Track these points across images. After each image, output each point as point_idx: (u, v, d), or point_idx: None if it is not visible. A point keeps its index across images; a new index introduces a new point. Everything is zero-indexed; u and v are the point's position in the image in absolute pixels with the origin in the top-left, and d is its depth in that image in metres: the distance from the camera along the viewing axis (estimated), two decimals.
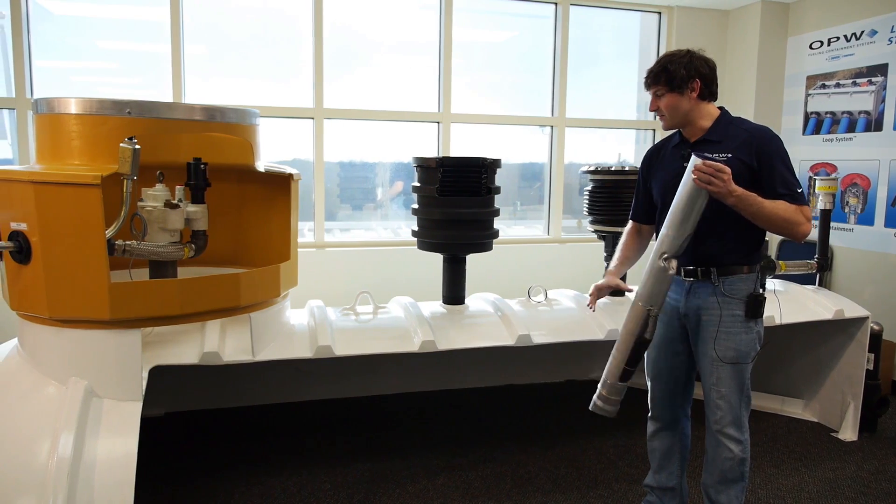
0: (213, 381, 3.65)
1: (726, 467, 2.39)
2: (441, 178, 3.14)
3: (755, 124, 2.37)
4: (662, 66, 2.33)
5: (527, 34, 5.46)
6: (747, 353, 2.35)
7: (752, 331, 2.35)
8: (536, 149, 5.44)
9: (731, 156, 2.26)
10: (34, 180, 2.15)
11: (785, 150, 2.31)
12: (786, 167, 2.27)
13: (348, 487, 2.97)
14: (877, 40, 4.60)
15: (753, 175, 2.26)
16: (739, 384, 2.36)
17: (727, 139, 2.31)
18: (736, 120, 2.38)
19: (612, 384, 2.39)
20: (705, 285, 2.36)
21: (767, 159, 2.25)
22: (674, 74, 2.30)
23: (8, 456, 2.14)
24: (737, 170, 2.20)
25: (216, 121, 2.51)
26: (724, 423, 2.37)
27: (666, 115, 2.36)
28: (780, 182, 2.24)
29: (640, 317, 2.28)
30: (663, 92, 2.33)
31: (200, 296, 2.41)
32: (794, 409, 3.87)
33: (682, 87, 2.31)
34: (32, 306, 2.29)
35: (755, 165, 2.26)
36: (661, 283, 2.25)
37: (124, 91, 4.57)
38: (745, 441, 2.39)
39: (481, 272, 4.13)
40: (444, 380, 4.13)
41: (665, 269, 2.23)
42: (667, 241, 2.23)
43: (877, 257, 4.62)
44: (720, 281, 2.33)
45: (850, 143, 4.81)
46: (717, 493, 2.44)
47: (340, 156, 5.00)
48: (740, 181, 2.18)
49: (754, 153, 2.26)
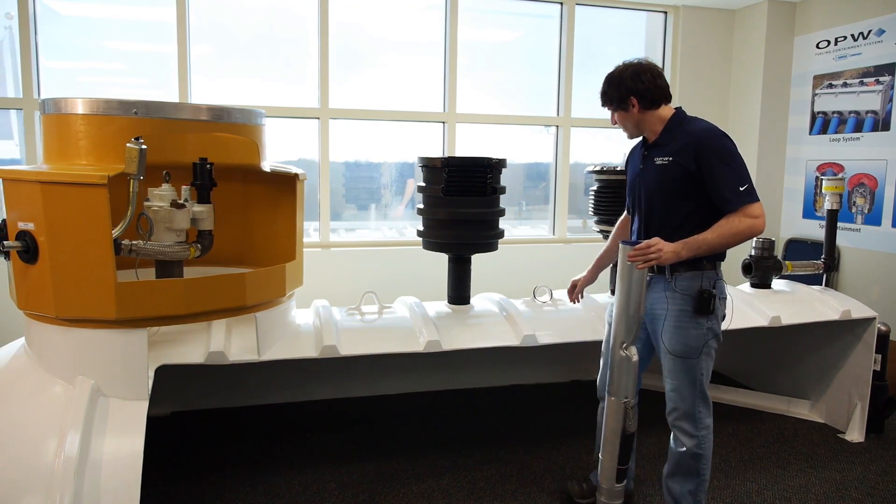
0: (219, 380, 3.66)
1: (678, 460, 2.48)
2: (446, 178, 3.14)
3: (702, 126, 2.40)
4: (603, 89, 2.50)
5: (532, 34, 5.46)
6: (696, 348, 2.39)
7: (703, 327, 2.39)
8: (542, 149, 5.44)
9: (671, 159, 2.38)
10: (41, 180, 2.16)
11: (729, 147, 2.33)
12: (727, 165, 2.30)
13: (353, 487, 2.97)
14: (884, 39, 4.58)
15: (692, 178, 2.34)
16: (691, 378, 2.41)
17: (672, 142, 2.41)
18: (686, 121, 2.45)
19: (609, 489, 2.47)
20: (659, 280, 2.45)
21: (707, 161, 2.31)
22: (612, 97, 2.47)
23: (15, 454, 2.15)
24: (675, 174, 2.36)
25: (222, 121, 2.52)
26: (677, 416, 2.45)
27: (625, 128, 2.54)
28: (724, 183, 2.29)
29: (620, 412, 2.36)
30: (614, 109, 2.51)
31: (206, 295, 2.41)
32: (801, 410, 3.85)
33: (623, 105, 2.45)
34: (39, 306, 2.30)
35: (693, 168, 2.33)
36: (629, 374, 2.34)
37: (131, 91, 4.59)
38: (700, 437, 2.43)
39: (486, 272, 4.13)
40: (449, 380, 4.13)
41: (628, 358, 2.31)
42: (622, 330, 2.33)
43: (884, 257, 4.60)
44: (673, 277, 2.41)
45: (857, 143, 4.79)
46: (671, 483, 2.53)
47: (346, 156, 5.01)
48: (679, 184, 2.35)
49: (693, 156, 2.33)
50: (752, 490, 3.00)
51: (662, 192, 2.42)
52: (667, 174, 2.39)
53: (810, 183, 5.19)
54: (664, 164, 2.39)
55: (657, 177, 2.43)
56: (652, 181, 2.45)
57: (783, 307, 3.46)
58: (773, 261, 3.79)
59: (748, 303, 3.47)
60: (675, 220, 2.40)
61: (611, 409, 2.40)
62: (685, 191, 2.36)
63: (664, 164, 2.39)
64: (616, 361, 2.36)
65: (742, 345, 4.33)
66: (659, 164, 2.42)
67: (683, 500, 2.51)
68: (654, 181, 2.44)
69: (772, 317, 3.34)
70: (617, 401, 2.37)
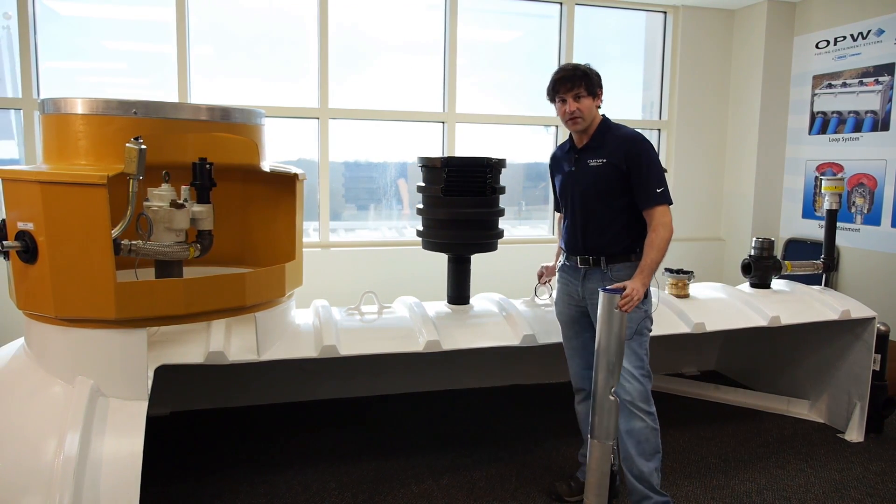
0: (219, 380, 3.66)
1: (642, 438, 2.58)
2: (446, 178, 3.14)
3: (629, 131, 2.61)
4: (582, 70, 2.57)
5: (532, 34, 5.46)
6: (633, 328, 2.57)
7: (639, 309, 2.56)
8: (541, 149, 5.44)
9: (605, 161, 2.57)
10: (41, 180, 2.16)
11: (653, 153, 2.57)
12: (651, 169, 2.53)
13: (353, 487, 2.97)
14: (884, 39, 4.58)
15: (623, 177, 2.55)
16: (637, 358, 2.58)
17: (604, 145, 2.60)
18: (613, 127, 2.64)
19: None
20: (596, 272, 2.65)
21: (636, 162, 2.53)
22: (592, 80, 2.57)
23: (14, 454, 2.15)
24: (609, 174, 2.56)
25: (222, 121, 2.52)
26: (633, 397, 2.56)
27: (583, 118, 2.58)
28: (651, 181, 2.52)
29: (607, 454, 2.42)
30: (584, 94, 2.56)
31: (206, 295, 2.41)
32: (800, 409, 3.86)
33: (594, 92, 2.58)
34: (39, 306, 2.30)
35: (624, 168, 2.54)
36: (612, 416, 2.40)
37: (131, 91, 4.59)
38: (653, 413, 2.61)
39: (486, 272, 4.13)
40: (449, 380, 4.13)
41: (615, 403, 2.39)
42: (606, 374, 2.39)
43: (883, 257, 4.60)
44: (608, 268, 2.62)
45: (856, 143, 4.79)
46: (637, 464, 2.60)
47: (345, 156, 5.01)
48: (612, 184, 2.56)
49: (624, 158, 2.54)
50: (752, 490, 3.00)
51: (597, 191, 2.60)
52: (601, 174, 2.58)
53: (810, 183, 5.19)
54: (598, 165, 2.59)
55: (591, 177, 2.61)
56: (585, 182, 2.62)
57: (783, 307, 3.46)
58: (772, 261, 3.79)
59: (748, 303, 3.48)
60: (606, 216, 2.60)
61: (601, 452, 2.41)
62: (617, 190, 2.57)
63: (598, 165, 2.59)
64: (603, 406, 2.40)
65: (742, 345, 4.34)
66: (593, 165, 2.60)
67: (652, 477, 2.60)
68: (588, 181, 2.61)
69: (771, 317, 3.35)
70: (603, 444, 2.41)
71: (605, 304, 2.37)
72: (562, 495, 2.88)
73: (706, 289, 3.72)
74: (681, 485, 3.03)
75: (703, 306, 3.43)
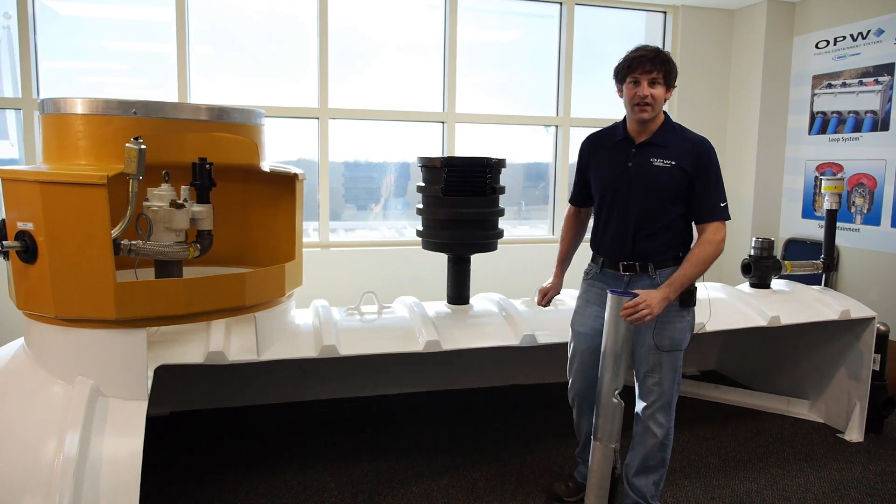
0: (219, 380, 3.66)
1: (647, 453, 2.52)
2: (446, 177, 3.14)
3: (697, 135, 2.45)
4: (666, 55, 2.36)
5: (532, 34, 5.46)
6: (681, 340, 2.47)
7: (685, 320, 2.47)
8: (541, 149, 5.44)
9: (673, 163, 2.38)
10: (40, 180, 2.16)
11: (718, 164, 2.43)
12: (718, 181, 2.40)
13: (353, 487, 2.97)
14: (883, 39, 4.58)
15: (691, 183, 2.39)
16: (674, 370, 2.48)
17: (671, 145, 2.41)
18: (678, 127, 2.47)
19: None
20: (643, 278, 2.47)
21: (705, 171, 2.38)
22: (672, 69, 2.38)
23: (14, 454, 2.15)
24: (677, 178, 2.37)
25: (221, 121, 2.52)
26: (655, 409, 2.49)
27: (653, 106, 2.36)
28: (716, 193, 2.38)
29: (609, 457, 2.42)
30: (661, 81, 2.35)
31: (206, 295, 2.41)
32: (800, 409, 3.86)
33: (671, 83, 2.39)
34: (38, 306, 2.30)
35: (693, 174, 2.38)
36: (616, 419, 2.39)
37: (130, 91, 4.59)
38: (669, 427, 2.52)
39: (486, 272, 4.13)
40: (449, 380, 4.13)
41: (619, 405, 2.37)
42: (611, 377, 2.37)
43: (883, 257, 4.60)
44: (657, 273, 2.44)
45: (856, 143, 4.79)
46: (636, 476, 2.57)
47: (345, 156, 5.01)
48: (678, 189, 2.37)
49: (694, 163, 2.37)
50: (752, 490, 3.00)
51: (661, 194, 2.39)
52: (670, 177, 2.37)
53: (809, 183, 5.19)
54: (666, 166, 2.37)
55: (655, 178, 2.39)
56: (646, 181, 2.40)
57: (782, 307, 3.46)
58: (772, 261, 3.79)
59: (748, 303, 3.47)
60: (663, 221, 2.42)
61: (603, 454, 2.41)
62: (683, 196, 2.40)
63: (666, 166, 2.37)
64: (607, 409, 2.40)
65: (742, 345, 4.34)
66: (659, 165, 2.38)
67: (647, 490, 2.56)
68: (650, 182, 2.39)
69: (771, 317, 3.34)
70: (606, 446, 2.41)
71: (612, 306, 2.33)
72: (560, 496, 2.87)
73: (706, 289, 3.71)
74: (681, 485, 3.03)
75: (702, 306, 3.42)
